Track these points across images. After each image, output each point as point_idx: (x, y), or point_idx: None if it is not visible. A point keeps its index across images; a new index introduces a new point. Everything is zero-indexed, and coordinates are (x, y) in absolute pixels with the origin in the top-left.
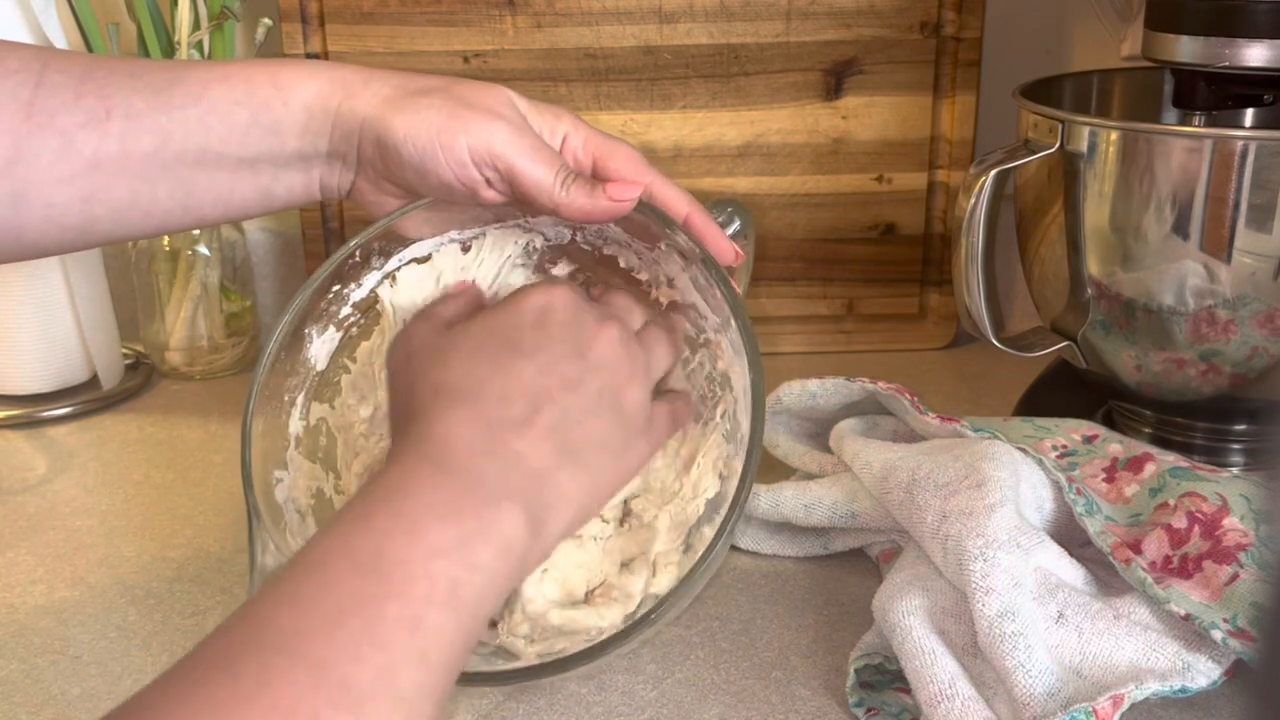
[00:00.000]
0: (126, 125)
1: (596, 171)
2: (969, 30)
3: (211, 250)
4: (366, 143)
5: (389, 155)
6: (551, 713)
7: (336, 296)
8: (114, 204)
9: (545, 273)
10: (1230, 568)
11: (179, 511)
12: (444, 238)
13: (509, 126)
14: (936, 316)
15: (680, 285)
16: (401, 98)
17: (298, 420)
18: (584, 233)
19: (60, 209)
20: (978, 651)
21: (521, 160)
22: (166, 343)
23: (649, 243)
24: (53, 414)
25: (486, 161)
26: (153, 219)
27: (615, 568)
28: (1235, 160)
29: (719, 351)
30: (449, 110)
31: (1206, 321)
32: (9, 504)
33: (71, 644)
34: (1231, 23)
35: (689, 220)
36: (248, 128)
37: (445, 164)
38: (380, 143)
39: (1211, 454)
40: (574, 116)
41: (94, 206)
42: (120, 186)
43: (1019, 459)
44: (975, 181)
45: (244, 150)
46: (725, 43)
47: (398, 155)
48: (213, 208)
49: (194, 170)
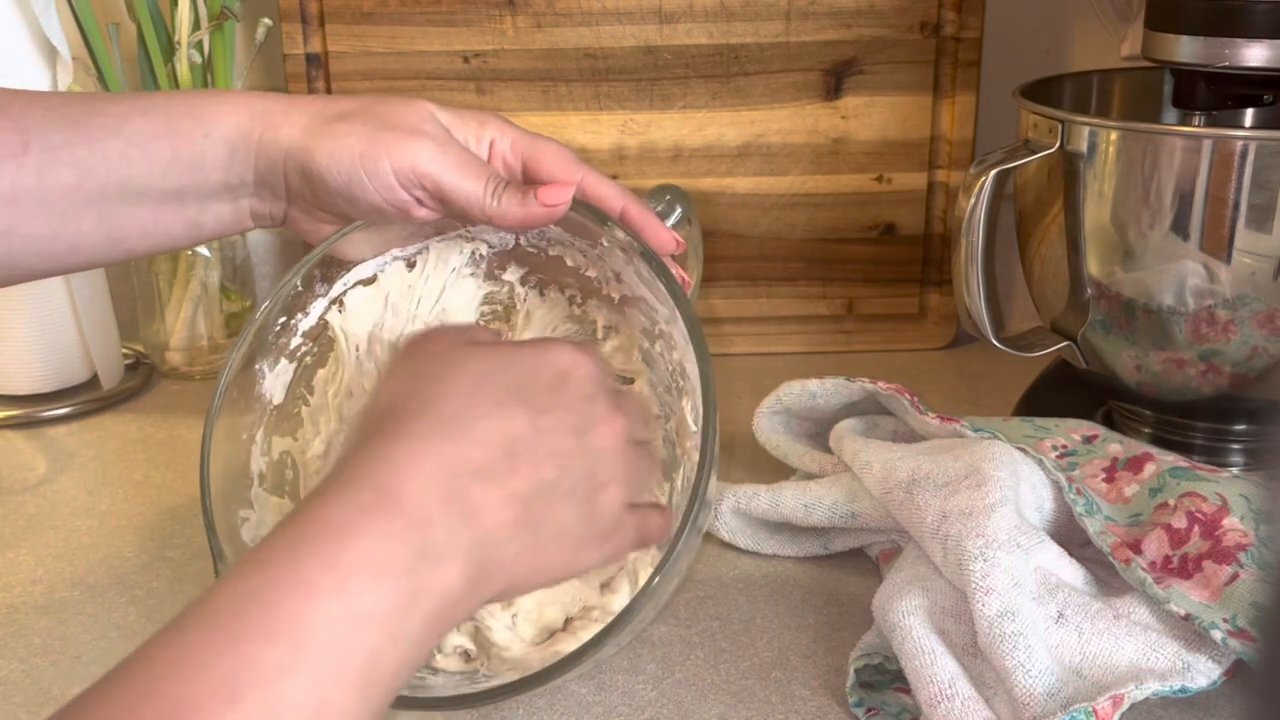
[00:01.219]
0: (44, 159)
1: (527, 174)
2: (969, 30)
3: (211, 250)
4: (292, 173)
5: (315, 184)
6: (551, 713)
7: (284, 328)
8: (34, 239)
9: (496, 279)
10: (1230, 568)
11: (179, 511)
12: (387, 256)
13: (432, 143)
14: (936, 316)
15: (627, 279)
16: (321, 125)
17: (259, 457)
18: (527, 236)
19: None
20: (977, 651)
21: (448, 176)
22: (166, 343)
23: (591, 240)
24: (53, 414)
25: (413, 182)
26: (79, 253)
27: (595, 591)
28: (1235, 160)
29: (673, 342)
30: (369, 134)
31: (1206, 321)
32: (9, 504)
33: (71, 644)
34: (1231, 23)
35: (625, 213)
36: (169, 161)
37: (372, 189)
38: (305, 173)
39: (1211, 454)
40: (500, 120)
41: (13, 241)
42: (40, 221)
43: (1019, 459)
44: (975, 181)
45: (167, 183)
46: (725, 43)
47: (324, 184)
48: (139, 240)
49: (117, 204)
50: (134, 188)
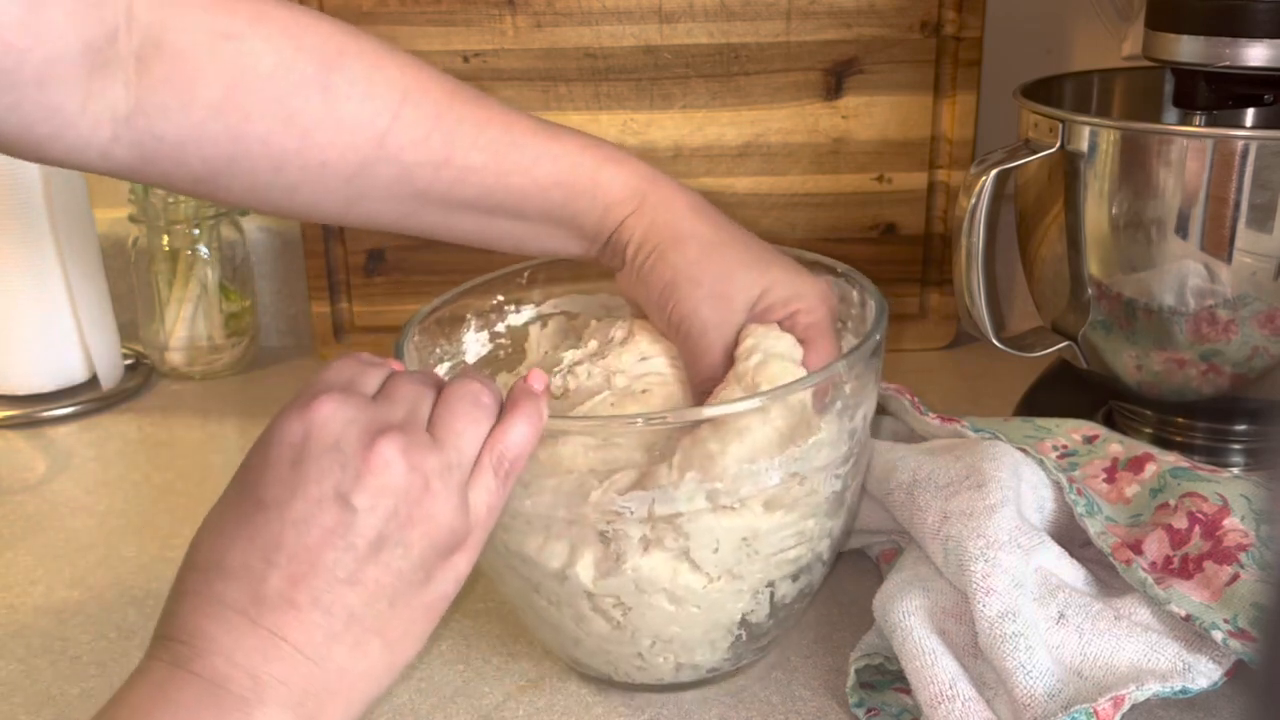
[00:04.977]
0: (459, 175)
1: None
2: (969, 30)
3: (211, 250)
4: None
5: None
6: (551, 713)
7: (498, 308)
8: (425, 225)
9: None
10: (1231, 568)
11: (179, 511)
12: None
13: (710, 319)
14: (936, 316)
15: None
16: (663, 248)
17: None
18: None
19: (381, 216)
20: (978, 652)
21: (694, 364)
22: (166, 343)
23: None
24: (53, 414)
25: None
26: (455, 237)
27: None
28: (1236, 160)
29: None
30: (679, 286)
31: (1207, 321)
32: (9, 504)
33: (71, 644)
34: (1232, 22)
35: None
36: (559, 209)
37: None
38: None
39: (1212, 454)
40: (813, 300)
41: (409, 222)
42: (435, 214)
43: (1020, 459)
44: (976, 181)
45: (546, 219)
46: (725, 42)
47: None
48: (500, 242)
49: (502, 220)
50: (520, 214)
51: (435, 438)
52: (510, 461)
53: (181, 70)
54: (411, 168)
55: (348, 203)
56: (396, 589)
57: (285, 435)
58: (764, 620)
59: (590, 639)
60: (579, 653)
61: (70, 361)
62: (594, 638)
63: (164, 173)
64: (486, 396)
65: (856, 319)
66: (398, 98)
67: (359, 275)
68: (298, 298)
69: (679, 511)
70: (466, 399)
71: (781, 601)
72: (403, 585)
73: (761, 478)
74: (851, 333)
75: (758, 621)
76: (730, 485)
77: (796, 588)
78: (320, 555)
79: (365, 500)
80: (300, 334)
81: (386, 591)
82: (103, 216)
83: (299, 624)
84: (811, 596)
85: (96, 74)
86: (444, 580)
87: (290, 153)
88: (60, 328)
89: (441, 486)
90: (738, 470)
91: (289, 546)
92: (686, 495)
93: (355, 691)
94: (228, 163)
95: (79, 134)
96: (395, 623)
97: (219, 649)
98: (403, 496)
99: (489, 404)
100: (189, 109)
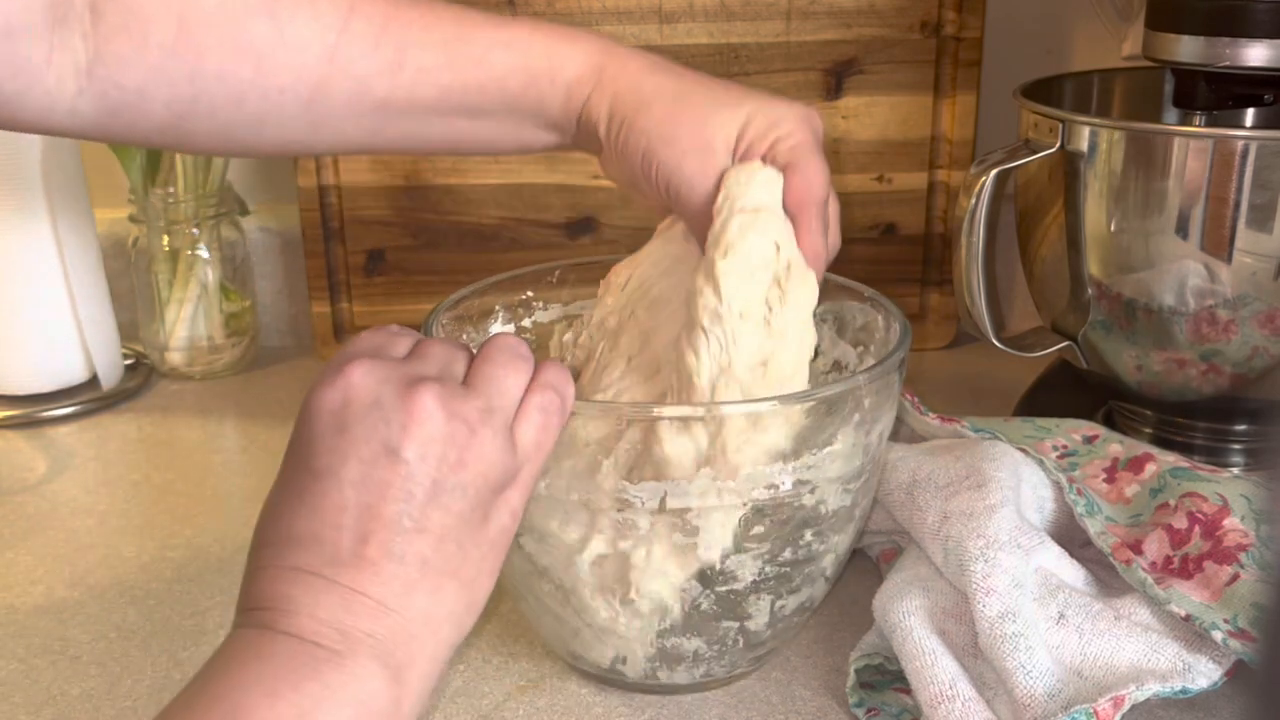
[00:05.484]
0: (415, 78)
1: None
2: (969, 30)
3: (211, 250)
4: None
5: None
6: (551, 713)
7: (526, 303)
8: (394, 138)
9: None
10: (1231, 568)
11: (179, 511)
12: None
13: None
14: (936, 316)
15: None
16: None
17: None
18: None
19: (349, 137)
20: (978, 652)
21: (684, 209)
22: (166, 343)
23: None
24: (53, 414)
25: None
26: (429, 148)
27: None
28: (1236, 160)
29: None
30: (651, 141)
31: (1207, 321)
32: (9, 504)
33: (71, 644)
34: (1232, 22)
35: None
36: (518, 97)
37: (647, 191)
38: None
39: (1212, 454)
40: (795, 123)
41: (378, 140)
42: (400, 125)
43: (1020, 459)
44: (976, 181)
45: (511, 112)
46: (725, 42)
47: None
48: (471, 146)
49: (465, 119)
50: (482, 109)
51: (472, 386)
52: (560, 398)
53: (133, 14)
54: (366, 79)
55: (312, 127)
56: (460, 530)
57: (325, 405)
58: (762, 629)
59: (590, 629)
60: (578, 645)
61: (70, 361)
62: (594, 628)
63: (129, 123)
64: (524, 349)
65: (880, 343)
66: (344, 12)
67: (359, 275)
68: (298, 298)
69: (689, 506)
70: (506, 351)
71: (780, 612)
72: (465, 526)
73: (773, 480)
74: (873, 356)
75: (756, 630)
76: (742, 485)
77: (797, 600)
78: (382, 509)
79: (415, 450)
80: (300, 334)
81: (452, 533)
82: (103, 216)
83: (376, 578)
84: (811, 610)
85: (58, 27)
86: (501, 515)
87: (246, 83)
88: (60, 328)
89: (484, 427)
90: (751, 470)
91: (352, 507)
92: (699, 490)
93: (440, 635)
94: (190, 103)
95: (46, 90)
96: (466, 563)
97: (303, 608)
98: (449, 441)
99: (527, 355)
100: (144, 52)
